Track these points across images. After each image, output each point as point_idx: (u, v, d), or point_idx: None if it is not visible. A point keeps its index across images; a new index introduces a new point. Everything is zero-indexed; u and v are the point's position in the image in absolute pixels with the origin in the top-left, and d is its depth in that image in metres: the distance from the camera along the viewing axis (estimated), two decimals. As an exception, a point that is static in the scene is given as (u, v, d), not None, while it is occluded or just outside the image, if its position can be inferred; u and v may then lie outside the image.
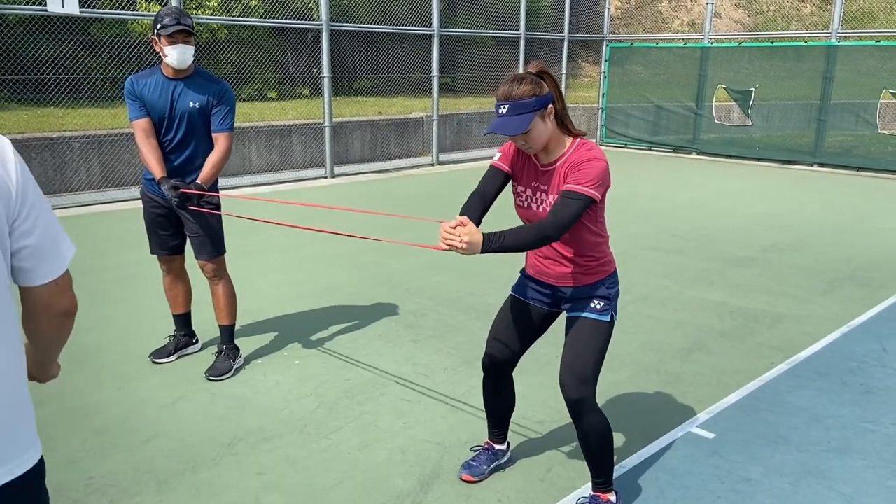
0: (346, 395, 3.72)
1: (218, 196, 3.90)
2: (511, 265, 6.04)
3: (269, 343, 4.39)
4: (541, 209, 2.57)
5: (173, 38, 3.57)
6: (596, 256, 2.62)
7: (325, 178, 10.68)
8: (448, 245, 2.33)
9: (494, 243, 2.33)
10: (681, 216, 8.22)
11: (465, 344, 4.43)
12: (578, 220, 2.46)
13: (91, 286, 5.37)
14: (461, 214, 2.52)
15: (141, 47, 12.57)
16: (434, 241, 2.52)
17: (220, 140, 3.77)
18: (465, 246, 2.31)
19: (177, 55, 3.59)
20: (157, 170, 3.66)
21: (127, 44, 12.15)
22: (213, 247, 3.89)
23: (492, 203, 2.68)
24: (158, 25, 3.59)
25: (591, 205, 2.42)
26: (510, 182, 2.68)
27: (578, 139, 2.54)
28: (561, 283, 2.67)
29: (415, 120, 12.99)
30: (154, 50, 3.67)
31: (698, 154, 13.85)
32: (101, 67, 11.56)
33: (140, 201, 4.02)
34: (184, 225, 3.90)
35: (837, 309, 5.15)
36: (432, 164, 12.29)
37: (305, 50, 14.61)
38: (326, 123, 10.66)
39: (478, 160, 12.97)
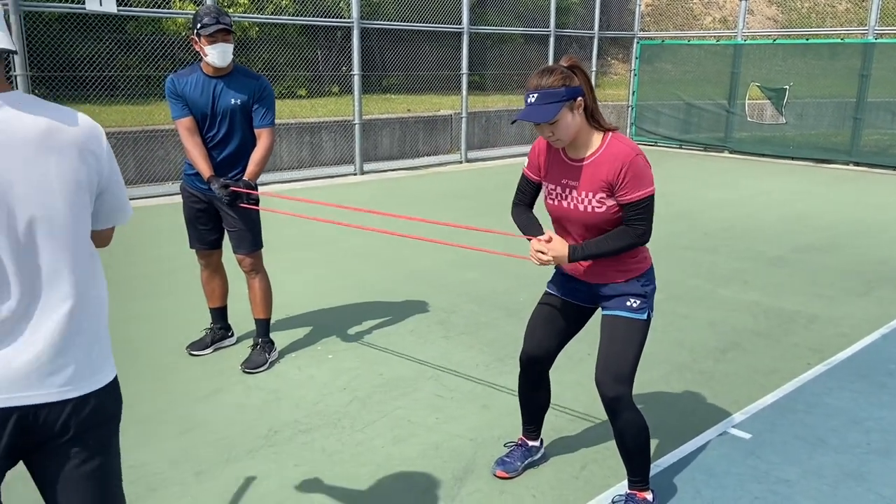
0: (379, 390, 3.75)
1: (257, 192, 3.95)
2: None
3: (302, 337, 4.44)
4: (571, 205, 2.57)
5: (213, 38, 3.62)
6: (632, 253, 2.61)
7: (355, 174, 10.75)
8: (540, 261, 2.57)
9: (580, 253, 2.53)
10: (713, 215, 8.13)
11: (497, 341, 4.43)
12: (617, 219, 2.49)
13: (129, 280, 5.47)
14: (519, 227, 2.78)
15: (174, 45, 12.77)
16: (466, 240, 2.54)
17: (262, 136, 3.83)
18: (552, 259, 2.54)
19: (217, 54, 3.64)
20: (204, 169, 3.72)
21: (161, 42, 12.34)
22: (251, 241, 3.94)
23: (532, 206, 2.82)
24: (198, 25, 3.64)
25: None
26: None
27: (611, 133, 2.54)
28: (596, 281, 2.67)
29: (443, 117, 13.01)
30: (188, 47, 3.74)
31: (730, 153, 13.68)
32: (136, 65, 11.75)
33: (178, 196, 4.09)
34: (222, 220, 3.96)
35: (875, 310, 5.06)
36: (461, 162, 12.30)
37: (335, 48, 14.71)
38: (356, 121, 10.72)
39: (506, 158, 12.95)
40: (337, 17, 11.45)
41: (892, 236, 7.29)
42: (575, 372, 3.92)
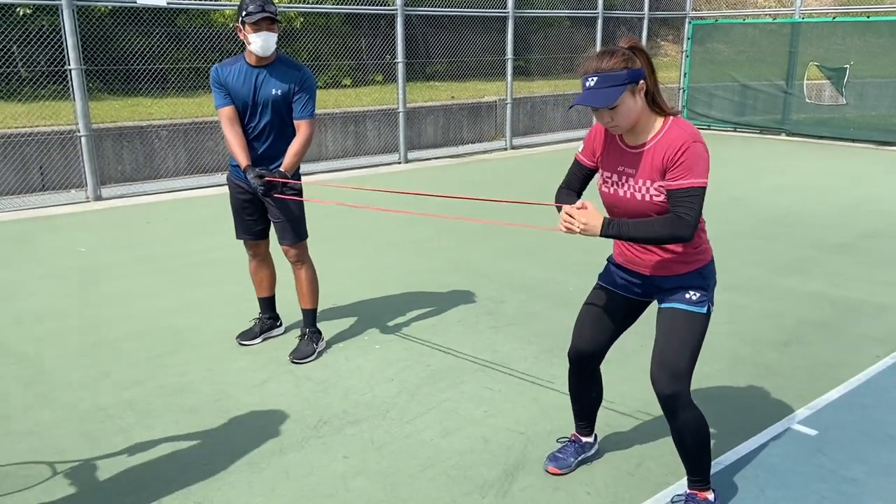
0: (427, 381, 3.70)
1: (300, 182, 3.92)
2: (587, 251, 5.88)
3: (348, 327, 4.42)
4: (627, 193, 2.44)
5: (258, 26, 3.59)
6: (694, 244, 2.49)
7: (399, 163, 10.72)
8: (567, 227, 2.37)
9: (614, 229, 2.35)
10: (771, 200, 7.84)
11: (546, 332, 4.34)
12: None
13: (178, 269, 5.54)
14: (557, 199, 2.59)
15: (222, 37, 12.90)
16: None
17: (301, 127, 3.79)
18: (581, 228, 2.34)
19: (261, 42, 3.61)
20: (241, 158, 3.71)
21: (209, 34, 12.48)
22: (295, 232, 3.93)
23: (580, 195, 2.65)
24: (243, 13, 3.61)
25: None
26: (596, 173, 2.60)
27: (671, 118, 2.41)
28: (653, 273, 2.55)
29: (487, 104, 12.86)
30: (235, 39, 3.71)
31: (787, 135, 13.20)
32: (186, 58, 11.91)
33: (226, 187, 4.10)
34: (268, 211, 3.95)
35: (948, 300, 4.80)
36: (505, 149, 12.15)
37: (379, 36, 14.67)
38: (400, 109, 10.67)
39: (551, 144, 12.75)
40: (381, 6, 11.39)
41: (964, 221, 6.91)
42: (627, 366, 3.80)
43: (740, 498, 2.74)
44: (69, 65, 7.73)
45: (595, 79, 2.29)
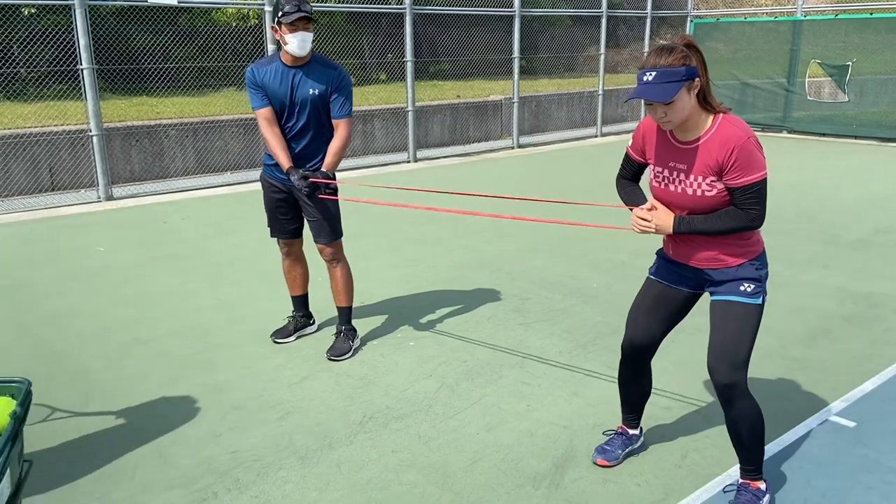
0: (465, 377, 3.74)
1: (336, 182, 3.95)
2: (610, 249, 5.96)
3: (381, 325, 4.45)
4: (679, 189, 2.49)
5: (294, 26, 3.61)
6: (745, 236, 2.53)
7: (408, 162, 10.74)
8: (641, 229, 2.52)
9: (685, 226, 2.46)
10: (782, 198, 7.90)
11: (576, 328, 4.38)
12: (726, 202, 2.43)
13: (202, 268, 5.56)
14: (623, 198, 2.74)
15: (226, 35, 12.89)
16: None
17: (340, 126, 3.81)
18: (656, 229, 2.48)
19: (297, 42, 3.63)
20: (284, 160, 3.73)
21: (213, 32, 12.48)
22: (331, 230, 3.95)
23: (637, 181, 2.76)
24: (280, 13, 3.63)
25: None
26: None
27: (722, 116, 2.45)
28: (706, 266, 2.59)
29: (493, 103, 12.91)
30: (239, 37, 3.73)
31: (789, 132, 13.30)
32: (190, 56, 11.90)
33: (238, 186, 4.11)
34: (302, 210, 3.98)
35: (969, 294, 4.87)
36: (512, 148, 12.19)
37: (380, 35, 14.69)
38: (409, 108, 10.69)
39: (557, 143, 12.80)
40: (384, 4, 11.42)
41: (975, 217, 6.99)
42: (662, 359, 3.82)
43: (788, 488, 2.78)
44: (81, 64, 7.72)
45: (653, 74, 2.34)
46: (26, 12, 10.13)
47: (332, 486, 2.82)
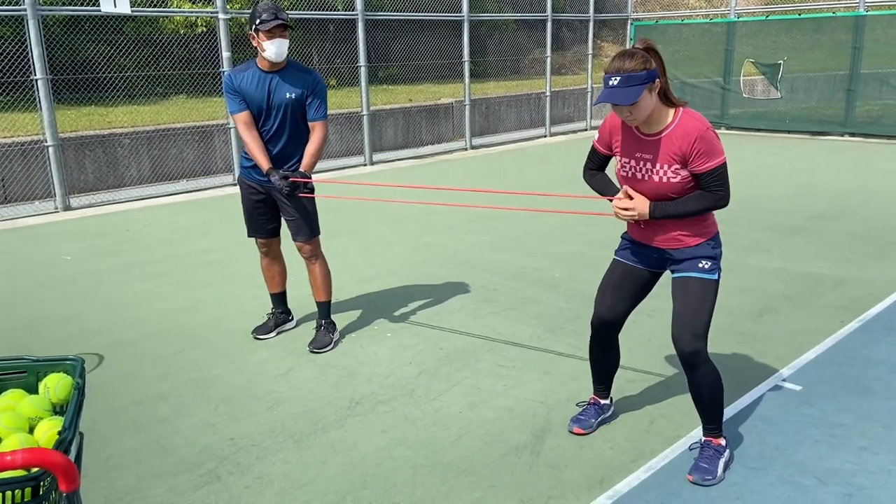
0: (443, 363, 3.95)
1: (313, 182, 4.11)
2: (569, 242, 6.25)
3: (358, 319, 4.62)
4: (646, 177, 2.76)
5: (271, 33, 3.76)
6: (702, 219, 2.82)
7: (365, 165, 10.90)
8: (624, 216, 2.78)
9: (660, 211, 2.73)
10: (723, 189, 8.35)
11: (543, 314, 4.64)
12: (690, 188, 2.70)
13: (173, 272, 5.63)
14: (595, 188, 2.99)
15: (173, 44, 12.80)
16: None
17: (316, 128, 3.98)
18: (636, 215, 2.74)
19: (275, 49, 3.79)
20: (263, 162, 3.87)
21: (160, 41, 12.40)
22: (309, 229, 4.11)
23: (604, 171, 3.01)
24: (257, 21, 3.77)
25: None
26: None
27: (682, 109, 2.73)
28: (668, 246, 2.86)
29: (445, 106, 13.17)
30: (187, 45, 3.87)
31: (727, 129, 13.94)
32: (139, 65, 11.80)
33: (196, 193, 4.24)
34: (280, 209, 4.13)
35: (895, 271, 5.32)
36: (466, 149, 12.47)
37: (328, 41, 14.81)
38: (364, 112, 10.85)
39: (508, 143, 13.13)
40: (330, 11, 11.54)
41: (899, 202, 7.56)
42: (627, 338, 4.10)
43: (746, 444, 3.08)
44: (35, 75, 7.65)
45: (618, 78, 2.59)
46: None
47: (329, 464, 2.99)
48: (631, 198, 2.76)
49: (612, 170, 2.96)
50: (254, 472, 2.94)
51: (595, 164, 3.00)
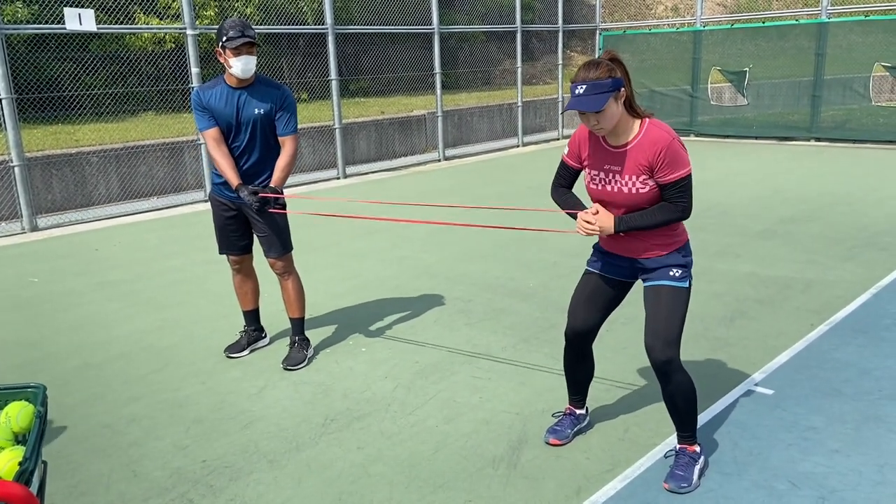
0: (419, 376, 3.93)
1: (284, 197, 4.08)
2: (542, 251, 6.28)
3: (331, 335, 4.59)
4: (614, 188, 2.78)
5: (238, 51, 3.74)
6: (672, 227, 2.84)
7: (338, 178, 10.87)
8: (587, 232, 2.79)
9: (624, 224, 2.74)
10: (695, 196, 8.45)
11: (518, 324, 4.64)
12: (658, 198, 2.73)
13: (142, 292, 5.54)
14: (561, 205, 2.99)
15: (141, 60, 12.67)
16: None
17: (286, 143, 3.96)
18: (599, 229, 2.75)
19: (241, 66, 3.77)
20: (233, 178, 3.84)
21: (127, 58, 12.26)
22: (281, 245, 4.08)
23: (571, 188, 3.02)
24: (224, 38, 3.74)
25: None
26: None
27: (647, 120, 2.76)
28: (639, 256, 2.88)
29: (417, 117, 13.18)
30: (154, 62, 3.85)
31: (696, 136, 14.13)
32: (106, 83, 11.66)
33: (165, 211, 4.20)
34: (252, 226, 4.09)
35: (862, 272, 5.41)
36: (439, 160, 12.49)
37: (299, 54, 14.77)
38: (336, 125, 10.83)
39: (480, 154, 13.18)
40: (300, 24, 11.52)
41: (865, 205, 7.71)
42: (600, 347, 4.12)
43: (720, 450, 3.10)
44: (-1, 93, 7.52)
45: (584, 87, 2.62)
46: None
47: (304, 484, 2.95)
48: (597, 213, 2.78)
49: (579, 187, 2.97)
50: (227, 494, 2.89)
51: (565, 181, 3.00)
